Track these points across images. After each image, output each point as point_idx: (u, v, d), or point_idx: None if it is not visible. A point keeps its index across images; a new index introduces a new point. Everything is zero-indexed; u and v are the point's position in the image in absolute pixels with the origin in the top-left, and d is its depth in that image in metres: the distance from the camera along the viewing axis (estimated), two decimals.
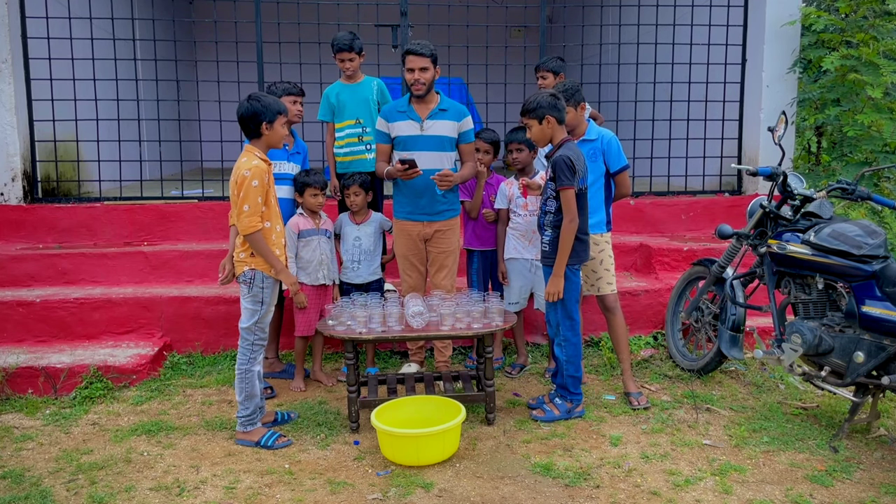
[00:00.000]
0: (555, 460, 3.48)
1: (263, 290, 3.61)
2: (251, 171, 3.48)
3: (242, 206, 3.47)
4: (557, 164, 3.65)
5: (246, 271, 3.62)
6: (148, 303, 4.98)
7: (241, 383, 3.67)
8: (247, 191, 3.46)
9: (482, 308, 3.89)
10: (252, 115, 3.53)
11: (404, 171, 4.17)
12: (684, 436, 3.75)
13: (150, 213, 5.72)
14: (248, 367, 3.66)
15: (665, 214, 6.02)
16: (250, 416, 3.70)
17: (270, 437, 3.67)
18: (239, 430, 3.70)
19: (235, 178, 3.51)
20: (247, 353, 3.66)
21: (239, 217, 3.49)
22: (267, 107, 3.54)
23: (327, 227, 4.51)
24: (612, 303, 4.18)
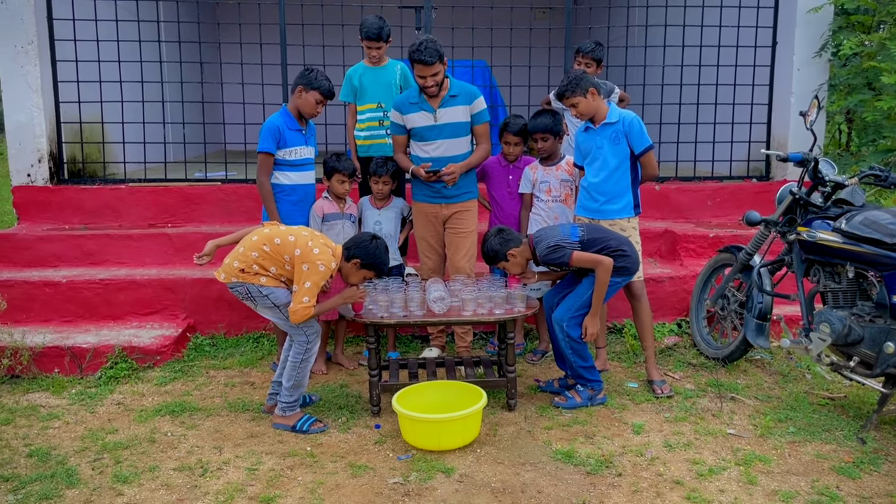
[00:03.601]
0: (576, 447, 3.48)
1: (268, 297, 3.59)
2: (325, 265, 3.48)
3: (303, 296, 3.45)
4: (550, 260, 3.78)
5: (236, 287, 3.57)
6: (172, 284, 5.01)
7: (292, 371, 3.66)
8: (312, 278, 3.44)
9: (504, 293, 3.88)
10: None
11: (429, 177, 4.23)
12: (708, 425, 3.72)
13: (173, 195, 5.73)
14: (304, 358, 3.66)
15: (691, 200, 5.95)
16: (292, 403, 3.70)
17: (306, 422, 3.67)
18: (278, 414, 3.71)
19: (303, 252, 3.46)
20: (302, 346, 3.66)
21: (296, 301, 3.46)
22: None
23: (352, 212, 4.51)
24: (638, 290, 4.15)
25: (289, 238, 3.54)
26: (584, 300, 3.82)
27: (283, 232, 3.60)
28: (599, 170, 4.07)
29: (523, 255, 3.89)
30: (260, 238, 3.58)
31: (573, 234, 3.81)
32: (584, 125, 4.15)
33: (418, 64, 4.09)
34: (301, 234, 3.59)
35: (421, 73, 4.13)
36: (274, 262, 3.55)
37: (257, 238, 3.58)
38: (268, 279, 3.55)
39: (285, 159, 4.27)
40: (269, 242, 3.54)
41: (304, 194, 4.37)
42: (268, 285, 3.56)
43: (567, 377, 4.11)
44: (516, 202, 4.62)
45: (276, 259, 3.54)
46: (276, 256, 3.53)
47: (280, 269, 3.56)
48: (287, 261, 3.52)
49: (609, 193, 4.07)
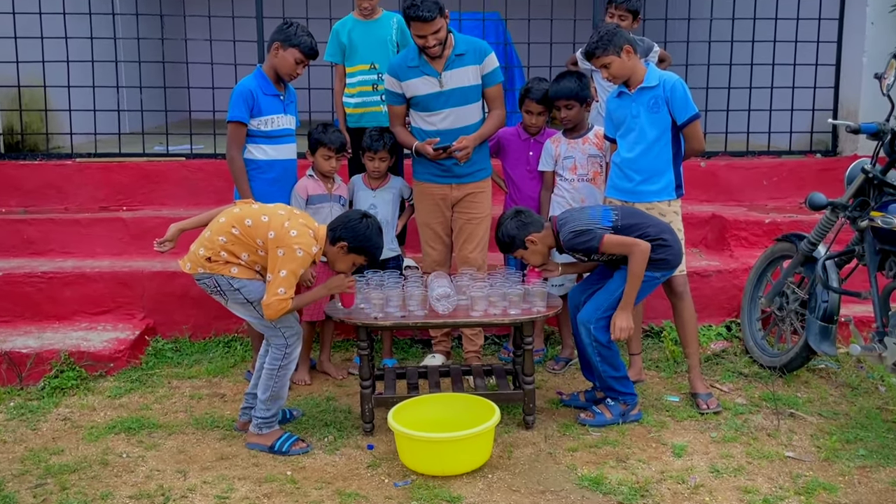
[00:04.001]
0: (606, 473, 3.46)
1: (240, 291, 3.57)
2: (304, 250, 3.45)
3: (278, 286, 3.43)
4: (576, 247, 3.77)
5: (204, 278, 3.55)
6: (128, 278, 5.00)
7: (268, 380, 3.65)
8: (289, 265, 3.42)
9: (521, 290, 3.87)
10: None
11: (438, 155, 4.21)
12: (762, 446, 3.71)
13: (129, 173, 5.70)
14: (282, 365, 3.64)
15: (743, 179, 5.92)
16: (269, 418, 3.68)
17: (286, 441, 3.66)
18: (252, 431, 3.69)
19: (278, 235, 3.44)
20: (280, 351, 3.64)
21: (270, 292, 3.44)
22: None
23: (341, 193, 4.50)
24: (680, 286, 4.13)
25: (261, 218, 3.51)
26: (615, 298, 3.81)
27: (254, 212, 3.58)
28: (635, 143, 4.04)
29: (545, 241, 3.87)
30: (228, 220, 3.56)
31: (605, 217, 3.79)
32: (616, 90, 4.13)
33: (416, 22, 4.04)
34: (276, 213, 3.56)
35: (419, 32, 4.09)
36: (245, 248, 3.53)
37: (225, 220, 3.56)
38: (240, 269, 3.54)
39: (260, 130, 4.25)
40: (239, 224, 3.52)
41: (283, 171, 4.35)
42: (240, 277, 3.54)
43: (595, 389, 4.10)
44: (536, 182, 4.61)
45: (247, 244, 3.52)
46: (246, 241, 3.51)
47: (253, 256, 3.54)
48: (260, 245, 3.50)
49: (646, 171, 4.04)
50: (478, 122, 4.32)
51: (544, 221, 3.94)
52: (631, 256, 3.70)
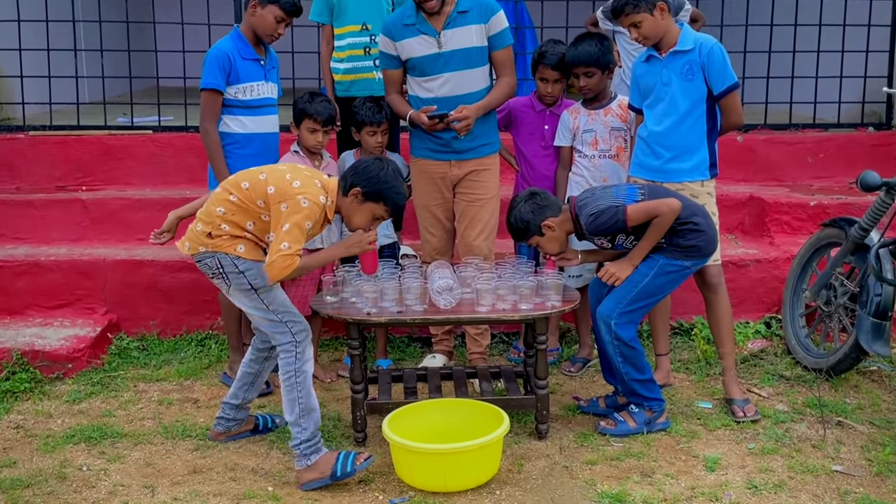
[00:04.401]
0: (629, 489, 3.46)
1: (244, 274, 3.52)
2: (310, 199, 3.39)
3: (281, 241, 3.35)
4: (598, 229, 3.77)
5: (205, 258, 3.51)
6: (87, 268, 4.99)
7: (290, 393, 3.50)
8: (293, 217, 3.35)
9: (534, 282, 3.86)
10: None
11: (434, 125, 4.19)
12: (807, 459, 3.70)
13: (89, 148, 5.68)
14: (298, 369, 3.51)
15: (784, 156, 5.90)
16: (312, 441, 3.50)
17: (346, 462, 3.47)
18: (299, 467, 3.49)
19: (279, 189, 3.39)
20: (290, 354, 3.52)
21: (272, 249, 3.37)
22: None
23: (330, 172, 4.46)
24: (714, 277, 4.12)
25: (259, 177, 3.47)
26: (639, 290, 3.80)
27: (251, 172, 3.54)
28: (664, 115, 4.02)
29: (563, 226, 3.86)
30: (224, 187, 3.53)
31: (630, 196, 3.78)
32: (645, 53, 4.10)
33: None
34: (277, 168, 3.53)
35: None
36: (247, 215, 3.48)
37: (221, 188, 3.55)
38: (247, 247, 3.49)
39: (238, 99, 4.24)
40: (236, 189, 3.48)
41: (264, 146, 4.33)
42: (246, 257, 3.49)
43: (617, 394, 4.10)
44: (551, 159, 4.60)
45: (248, 209, 3.47)
46: (248, 205, 3.46)
47: (258, 224, 3.48)
48: (262, 208, 3.44)
49: (677, 147, 4.02)
50: (482, 90, 4.30)
51: (562, 204, 3.92)
52: (659, 215, 3.70)
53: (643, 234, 3.76)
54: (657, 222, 3.71)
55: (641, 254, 3.79)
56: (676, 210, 3.71)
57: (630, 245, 3.85)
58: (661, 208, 3.71)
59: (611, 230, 3.78)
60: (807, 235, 5.09)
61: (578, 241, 3.96)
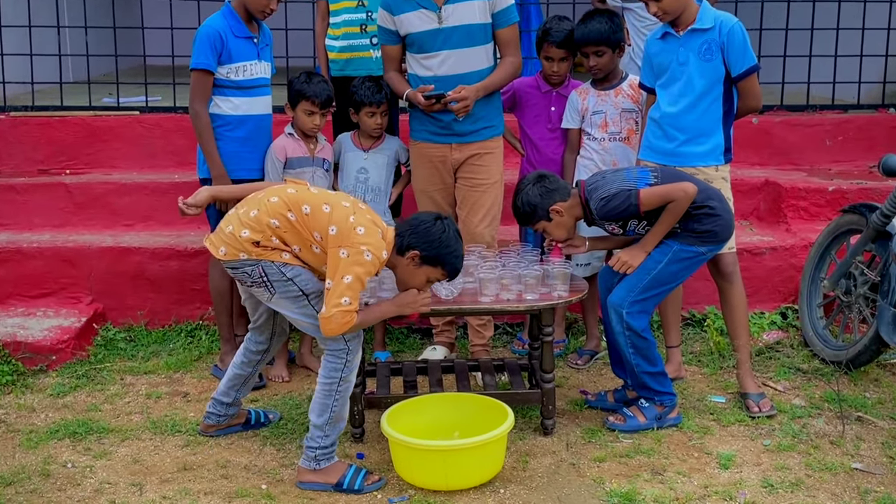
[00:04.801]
0: (639, 487, 3.45)
1: (293, 280, 3.44)
2: (373, 253, 3.32)
3: (341, 295, 3.26)
4: (609, 214, 3.75)
5: (245, 266, 3.41)
6: (72, 255, 4.97)
7: (326, 398, 3.46)
8: (355, 270, 3.28)
9: (539, 271, 3.84)
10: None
11: (430, 105, 4.17)
12: (824, 456, 3.70)
13: (73, 130, 5.66)
14: (343, 378, 3.45)
15: (801, 138, 5.89)
16: (329, 448, 3.47)
17: (356, 478, 3.45)
18: (304, 466, 3.49)
19: (342, 231, 3.32)
20: (339, 360, 3.45)
21: (330, 302, 3.28)
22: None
23: (325, 156, 4.46)
24: (728, 266, 4.11)
25: (322, 208, 3.39)
26: (652, 277, 3.79)
27: (314, 197, 3.45)
28: (680, 95, 4.00)
29: (571, 212, 3.84)
30: (282, 200, 3.43)
31: (642, 179, 3.77)
32: (660, 30, 4.08)
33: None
34: (339, 204, 3.43)
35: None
36: (298, 239, 3.41)
37: (278, 200, 3.43)
38: (291, 256, 3.44)
39: (230, 79, 4.22)
40: (296, 209, 3.40)
41: (257, 129, 4.32)
42: (292, 264, 3.44)
43: (626, 388, 4.09)
44: (559, 142, 4.58)
45: (302, 234, 3.40)
46: (302, 231, 3.39)
47: (305, 252, 3.43)
48: (317, 241, 3.39)
49: (691, 130, 4.00)
50: (485, 70, 4.29)
51: (571, 188, 3.90)
52: (674, 200, 3.69)
53: (656, 219, 3.74)
54: (671, 207, 3.70)
55: (655, 240, 3.78)
56: (692, 195, 3.69)
57: (642, 231, 3.83)
58: (676, 193, 3.69)
59: (622, 215, 3.76)
60: (825, 222, 5.08)
61: (588, 227, 3.94)
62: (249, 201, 3.51)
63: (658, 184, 3.75)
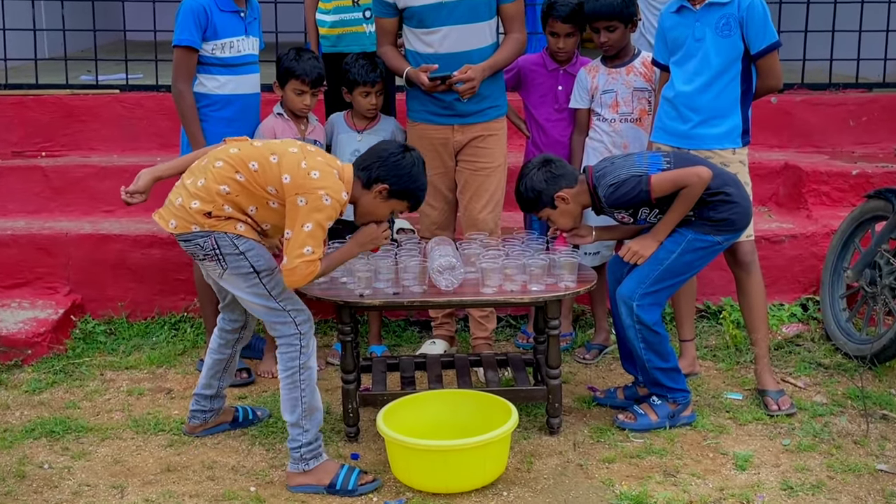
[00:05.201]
0: (651, 490, 3.46)
1: (245, 255, 3.45)
2: (332, 196, 3.35)
3: (303, 244, 3.30)
4: (618, 202, 3.74)
5: (197, 238, 3.42)
6: (48, 243, 4.97)
7: (291, 392, 3.48)
8: (315, 216, 3.32)
9: (544, 261, 3.84)
10: None
11: (434, 86, 4.16)
12: (847, 457, 3.70)
13: (49, 109, 5.66)
14: (303, 364, 3.47)
15: (824, 119, 5.90)
16: (313, 444, 3.48)
17: (350, 477, 3.45)
18: (293, 469, 3.49)
19: (295, 178, 3.35)
20: (293, 347, 3.47)
21: (292, 253, 3.32)
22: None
23: (316, 137, 4.45)
24: (746, 255, 4.10)
25: (270, 159, 3.40)
26: (665, 268, 3.79)
27: (259, 151, 3.46)
28: (695, 73, 4.00)
29: (578, 199, 3.83)
30: (228, 163, 3.43)
31: (653, 164, 3.76)
32: (675, 3, 4.07)
33: None
34: (287, 151, 3.45)
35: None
36: (253, 199, 3.42)
37: (223, 164, 3.43)
38: (246, 227, 3.45)
39: (216, 56, 4.21)
40: (244, 169, 3.41)
41: (244, 109, 4.32)
42: (247, 236, 3.45)
43: (637, 384, 4.10)
44: (567, 123, 4.57)
45: (255, 193, 3.41)
46: (255, 189, 3.40)
47: (262, 211, 3.44)
48: (273, 194, 3.39)
49: (707, 110, 4.00)
50: (488, 47, 4.28)
51: (578, 174, 3.89)
52: (687, 185, 3.68)
53: (668, 206, 3.73)
54: (685, 193, 3.69)
55: (667, 229, 3.77)
56: (706, 180, 3.68)
57: (654, 219, 3.82)
58: (690, 178, 3.68)
59: (632, 203, 3.75)
60: (848, 208, 5.08)
61: (596, 215, 3.93)
62: (195, 170, 3.51)
63: (670, 169, 3.74)
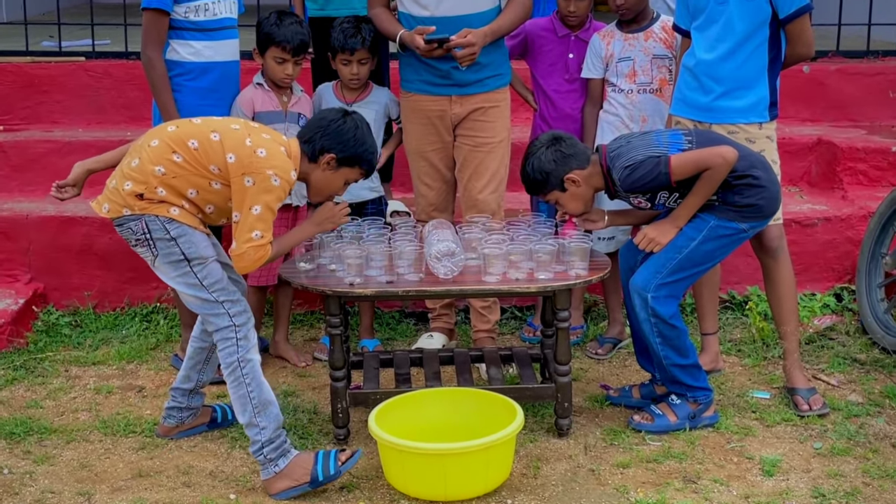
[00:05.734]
0: (669, 497, 3.46)
1: (176, 241, 3.47)
2: (280, 175, 3.40)
3: (251, 228, 3.37)
4: (635, 185, 3.73)
5: (129, 222, 3.46)
6: (7, 226, 4.99)
7: (237, 389, 3.51)
8: (263, 197, 3.37)
9: (553, 246, 3.83)
10: None
11: (431, 50, 4.15)
12: (885, 461, 3.70)
13: (8, 79, 5.68)
14: (240, 358, 3.51)
15: (861, 90, 5.91)
16: (275, 441, 3.49)
17: (328, 462, 3.47)
18: (266, 476, 3.49)
19: (241, 157, 3.40)
20: (230, 341, 3.52)
21: (241, 237, 3.39)
22: None
23: (301, 110, 4.45)
24: (774, 240, 4.09)
25: (211, 137, 3.44)
26: (683, 257, 3.77)
27: (199, 129, 3.50)
28: (718, 40, 3.98)
29: (590, 181, 3.82)
30: (164, 142, 3.47)
31: (673, 143, 3.73)
32: None
33: None
34: (229, 128, 3.50)
35: None
36: (192, 181, 3.45)
37: (159, 142, 3.47)
38: (182, 211, 3.48)
39: (189, 20, 4.20)
40: (181, 148, 3.44)
41: (221, 78, 4.31)
42: (180, 221, 3.47)
43: (655, 382, 4.10)
44: (578, 95, 4.58)
45: (196, 174, 3.44)
46: (196, 169, 3.43)
47: (203, 193, 3.47)
48: (216, 174, 3.43)
49: (730, 80, 3.99)
50: (488, 11, 4.28)
51: (590, 153, 3.88)
52: (710, 168, 3.67)
53: (689, 190, 3.71)
54: (708, 176, 3.67)
55: (688, 214, 3.76)
56: (732, 162, 3.66)
57: (673, 204, 3.81)
58: (714, 159, 3.66)
59: (650, 186, 3.74)
60: (888, 188, 5.09)
61: (610, 199, 3.91)
62: (132, 150, 3.56)
63: (692, 149, 3.72)
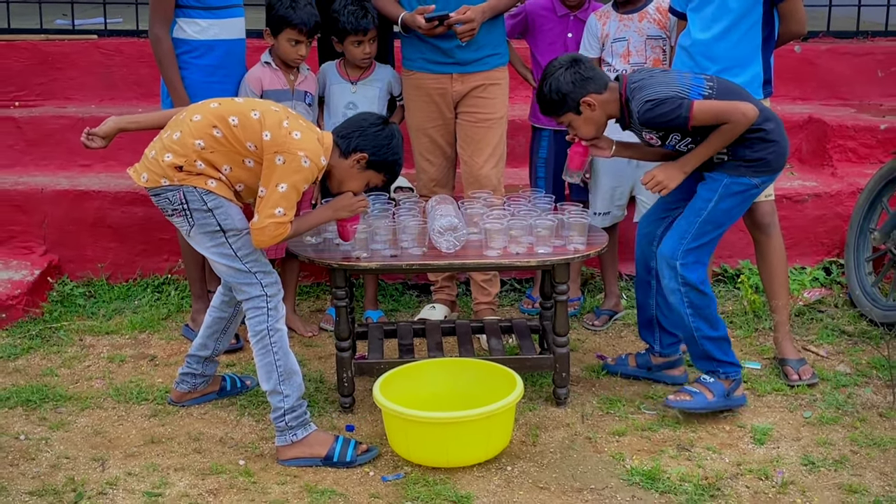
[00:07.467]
0: (664, 465, 3.46)
1: (213, 212, 3.45)
2: (311, 159, 3.40)
3: (275, 205, 3.37)
4: (653, 121, 3.62)
5: (167, 192, 3.45)
6: (23, 199, 4.97)
7: (264, 357, 3.52)
8: (291, 177, 3.37)
9: (552, 221, 3.82)
10: None
11: (432, 28, 4.13)
12: (872, 430, 3.69)
13: (22, 56, 5.66)
14: (270, 327, 3.52)
15: (850, 69, 5.89)
16: (296, 410, 3.49)
17: (347, 448, 3.47)
18: (281, 443, 3.50)
19: (276, 136, 3.39)
20: (261, 311, 3.52)
21: (263, 212, 3.38)
22: None
23: (307, 89, 4.43)
24: (765, 216, 4.08)
25: (251, 115, 3.44)
26: (703, 219, 3.68)
27: (241, 106, 3.50)
28: (713, 20, 3.95)
29: (606, 107, 3.74)
30: (206, 117, 3.46)
31: (696, 88, 3.64)
32: None
33: None
34: (269, 109, 3.50)
35: None
36: (229, 157, 3.44)
37: (201, 117, 3.46)
38: (218, 184, 3.47)
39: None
40: (222, 124, 3.43)
41: (227, 56, 4.29)
42: (217, 193, 3.46)
43: (651, 352, 4.08)
44: None
45: (233, 150, 3.43)
46: (233, 146, 3.43)
47: (237, 170, 3.46)
48: (252, 151, 3.43)
49: (725, 59, 3.96)
50: None
51: (609, 80, 3.78)
52: (730, 122, 3.59)
53: (702, 137, 3.63)
54: (725, 129, 3.59)
55: (696, 162, 3.66)
56: (752, 120, 3.58)
57: (683, 148, 3.72)
58: (735, 114, 3.57)
59: (667, 125, 3.64)
60: (876, 165, 5.07)
61: (622, 129, 3.83)
62: (173, 124, 3.54)
63: (713, 97, 3.63)
